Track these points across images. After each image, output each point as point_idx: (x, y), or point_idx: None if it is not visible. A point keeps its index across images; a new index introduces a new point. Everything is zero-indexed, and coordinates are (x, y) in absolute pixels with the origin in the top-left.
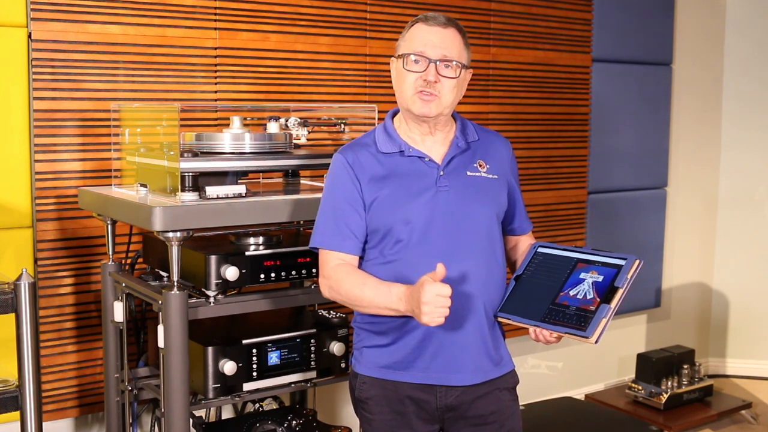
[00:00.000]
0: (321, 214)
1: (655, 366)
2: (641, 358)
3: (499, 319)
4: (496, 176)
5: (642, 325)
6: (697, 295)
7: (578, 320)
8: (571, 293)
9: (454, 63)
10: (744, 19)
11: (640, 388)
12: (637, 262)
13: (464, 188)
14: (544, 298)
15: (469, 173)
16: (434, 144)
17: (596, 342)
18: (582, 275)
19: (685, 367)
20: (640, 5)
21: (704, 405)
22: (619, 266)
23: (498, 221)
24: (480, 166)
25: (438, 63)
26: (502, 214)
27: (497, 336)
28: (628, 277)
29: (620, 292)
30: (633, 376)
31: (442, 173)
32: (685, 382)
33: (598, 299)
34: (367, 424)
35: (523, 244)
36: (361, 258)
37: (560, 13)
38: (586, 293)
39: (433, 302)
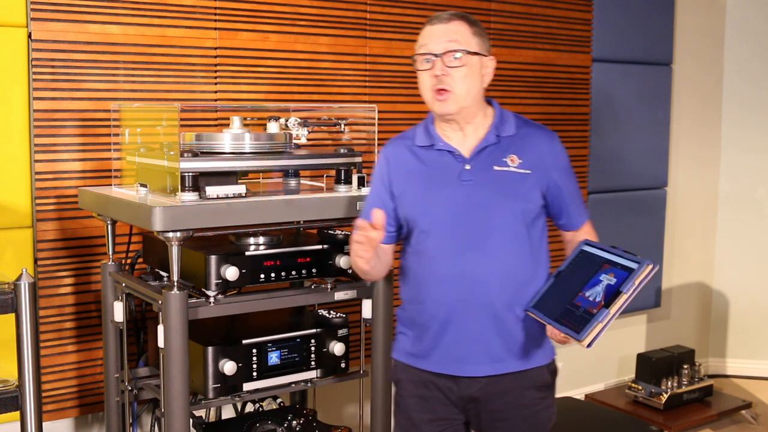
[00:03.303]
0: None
1: (655, 366)
2: (641, 358)
3: (529, 314)
4: (528, 171)
5: (642, 325)
6: (697, 295)
7: (579, 322)
8: (586, 294)
9: (459, 51)
10: (744, 19)
11: (640, 388)
12: (649, 267)
13: (488, 183)
14: (566, 297)
15: (496, 168)
16: (466, 138)
17: (588, 346)
18: (601, 277)
19: (685, 367)
20: (640, 5)
21: (704, 405)
22: (632, 270)
23: (528, 216)
24: (511, 160)
25: (443, 56)
26: (534, 209)
27: (523, 330)
28: (635, 282)
29: (623, 297)
30: (633, 376)
31: (468, 167)
32: (685, 382)
33: (602, 303)
34: (396, 404)
35: (580, 239)
36: (400, 246)
37: (560, 13)
38: (596, 295)
39: (353, 241)
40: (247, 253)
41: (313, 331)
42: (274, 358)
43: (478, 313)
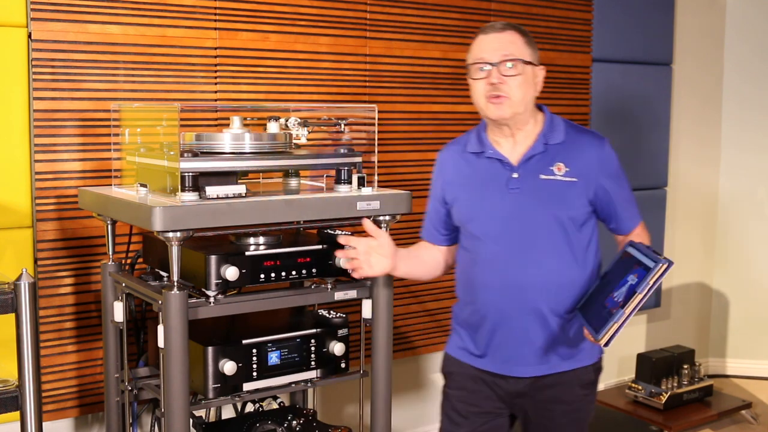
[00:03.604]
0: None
1: (655, 366)
2: (641, 358)
3: (579, 317)
4: (574, 179)
5: (642, 325)
6: (697, 295)
7: (601, 322)
8: (614, 295)
9: (514, 60)
10: (744, 19)
11: (640, 388)
12: (663, 266)
13: (534, 191)
14: (601, 298)
15: (542, 176)
16: (515, 146)
17: (605, 345)
18: (629, 277)
19: (685, 367)
20: (640, 5)
21: (704, 405)
22: (649, 269)
23: (575, 223)
24: (557, 169)
25: (499, 65)
26: (580, 216)
27: (570, 332)
28: (649, 282)
29: (638, 297)
30: (633, 376)
31: (515, 175)
32: (685, 382)
33: (621, 303)
34: (444, 395)
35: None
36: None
37: (560, 13)
38: (620, 296)
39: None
40: (247, 253)
41: (313, 331)
42: (274, 358)
43: (525, 316)
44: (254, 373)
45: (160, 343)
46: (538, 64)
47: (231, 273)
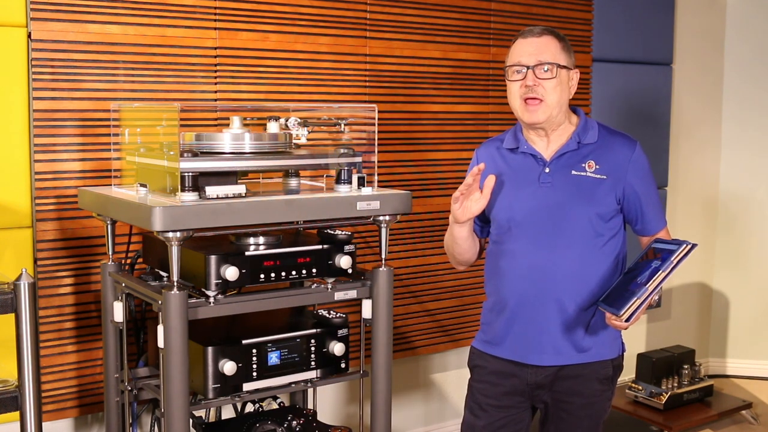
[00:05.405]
0: None
1: (655, 366)
2: (641, 358)
3: (599, 309)
4: (604, 176)
5: (642, 325)
6: (697, 295)
7: (624, 302)
8: (638, 279)
9: (550, 64)
10: (744, 19)
11: (640, 388)
12: (686, 247)
13: (565, 186)
14: (624, 286)
15: (574, 172)
16: (549, 144)
17: (626, 321)
18: (653, 263)
19: (685, 367)
20: (640, 5)
21: (704, 405)
22: (673, 251)
23: (602, 219)
24: (588, 166)
25: (534, 68)
26: (608, 212)
27: (589, 325)
28: (672, 261)
29: (660, 275)
30: (633, 376)
31: (547, 170)
32: (686, 382)
33: (644, 282)
34: (468, 389)
35: None
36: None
37: (560, 13)
38: (643, 278)
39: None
40: (247, 253)
41: (313, 331)
42: (274, 358)
43: (546, 306)
44: (254, 373)
45: (160, 343)
46: (573, 68)
47: (231, 273)
